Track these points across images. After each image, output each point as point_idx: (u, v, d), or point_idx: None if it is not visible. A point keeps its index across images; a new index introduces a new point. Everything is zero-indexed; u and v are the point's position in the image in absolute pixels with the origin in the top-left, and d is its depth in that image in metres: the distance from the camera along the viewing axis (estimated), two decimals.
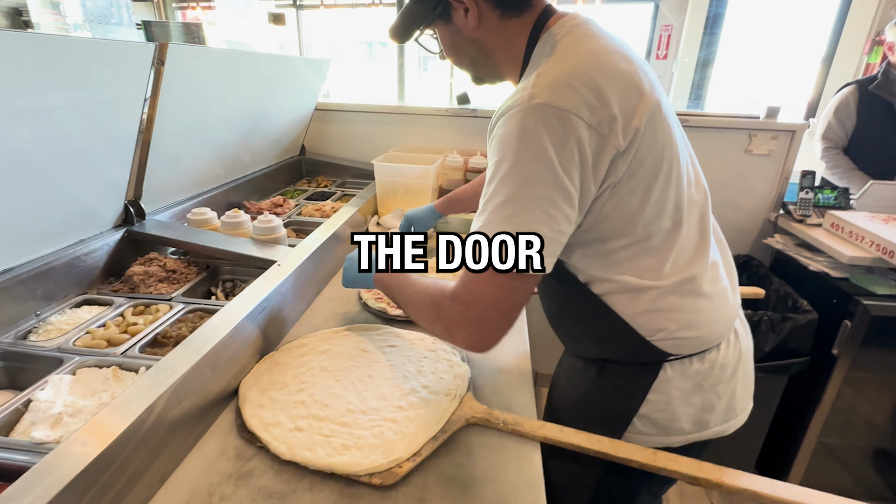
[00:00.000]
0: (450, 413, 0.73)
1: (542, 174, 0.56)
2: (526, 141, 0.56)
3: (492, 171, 0.60)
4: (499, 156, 0.59)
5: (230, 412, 0.74)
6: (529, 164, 0.56)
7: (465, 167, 1.66)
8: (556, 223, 0.57)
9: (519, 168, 0.56)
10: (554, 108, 0.56)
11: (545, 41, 0.65)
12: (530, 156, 0.56)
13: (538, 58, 0.65)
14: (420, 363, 0.85)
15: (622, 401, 0.73)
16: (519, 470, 0.65)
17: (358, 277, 0.88)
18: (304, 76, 1.71)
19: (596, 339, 0.75)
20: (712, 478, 0.63)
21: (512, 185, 0.57)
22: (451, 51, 0.75)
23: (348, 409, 0.72)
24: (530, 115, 0.56)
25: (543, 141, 0.55)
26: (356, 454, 0.64)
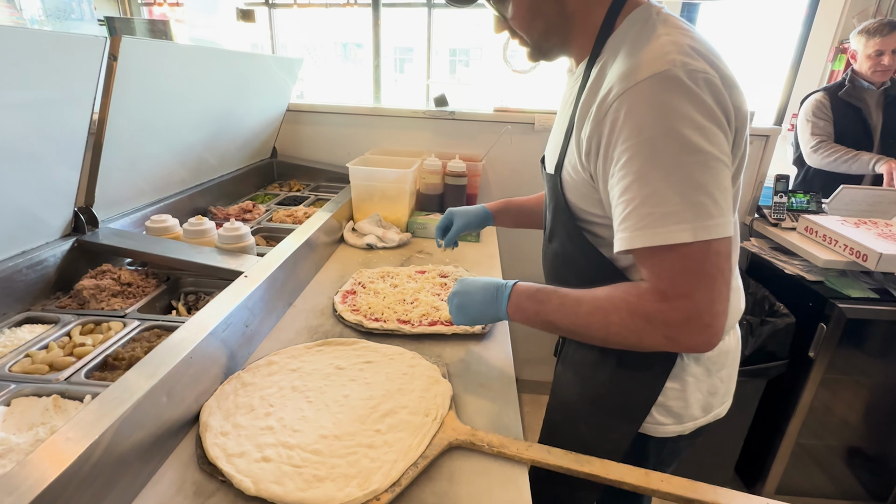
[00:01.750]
0: (431, 435, 0.68)
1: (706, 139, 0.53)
2: (684, 105, 0.53)
3: (654, 148, 0.54)
4: (652, 130, 0.54)
5: (190, 441, 0.67)
6: (690, 131, 0.53)
7: (443, 171, 1.62)
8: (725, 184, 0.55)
9: (677, 138, 0.53)
10: (703, 74, 0.54)
11: (637, 18, 0.63)
12: (691, 120, 0.53)
13: (622, 36, 0.62)
14: (399, 381, 0.80)
15: (641, 391, 0.72)
16: (505, 498, 0.61)
17: (481, 313, 0.75)
18: (274, 76, 1.63)
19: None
20: (707, 499, 0.60)
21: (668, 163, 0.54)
22: (526, 13, 0.67)
23: (321, 435, 0.67)
24: (681, 80, 0.53)
25: (705, 103, 0.53)
26: (330, 487, 0.58)
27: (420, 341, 0.94)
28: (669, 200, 0.53)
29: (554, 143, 0.78)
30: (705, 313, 0.54)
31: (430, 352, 0.90)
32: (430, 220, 1.52)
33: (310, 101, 1.91)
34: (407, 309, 1.02)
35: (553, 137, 0.80)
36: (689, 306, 0.54)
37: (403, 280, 1.17)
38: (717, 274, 0.54)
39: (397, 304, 1.04)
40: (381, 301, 1.04)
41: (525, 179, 1.86)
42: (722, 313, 0.55)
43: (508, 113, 1.78)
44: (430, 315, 1.00)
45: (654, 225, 0.54)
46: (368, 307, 1.01)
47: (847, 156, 1.99)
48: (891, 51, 1.99)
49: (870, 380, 1.54)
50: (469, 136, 1.83)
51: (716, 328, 0.54)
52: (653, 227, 0.54)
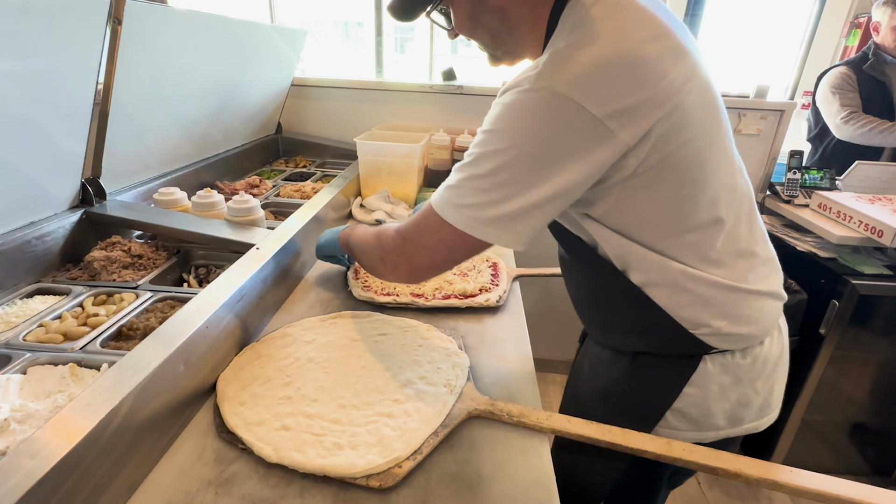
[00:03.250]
0: (450, 406, 0.67)
1: (529, 158, 0.55)
2: (521, 121, 0.54)
3: (479, 139, 0.59)
4: (492, 126, 0.57)
5: (207, 411, 0.67)
6: (520, 147, 0.54)
7: (452, 146, 1.59)
8: (532, 207, 0.56)
9: (506, 146, 0.55)
10: (559, 95, 0.52)
11: (570, 12, 0.58)
12: (522, 138, 0.54)
13: (559, 33, 0.58)
14: (415, 352, 0.79)
15: (655, 394, 0.69)
16: (527, 465, 0.61)
17: (326, 242, 0.95)
18: (278, 48, 1.59)
19: (631, 330, 0.71)
20: (731, 468, 0.60)
21: (494, 162, 0.56)
22: (467, 24, 0.66)
23: (340, 405, 0.66)
24: (532, 98, 0.53)
25: (541, 126, 0.53)
26: (351, 454, 0.58)
27: (434, 315, 0.94)
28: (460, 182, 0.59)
29: None
30: (407, 260, 0.66)
31: (444, 324, 0.90)
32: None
33: (314, 76, 1.87)
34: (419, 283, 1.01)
35: None
36: (402, 245, 0.66)
37: None
38: (441, 249, 0.62)
39: None
40: None
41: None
42: (420, 270, 0.66)
43: None
44: (443, 289, 0.99)
45: (442, 193, 0.62)
46: (381, 282, 1.00)
47: (882, 127, 1.90)
48: (892, 27, 1.93)
49: (879, 356, 1.53)
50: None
51: (407, 274, 0.67)
52: (440, 195, 0.62)
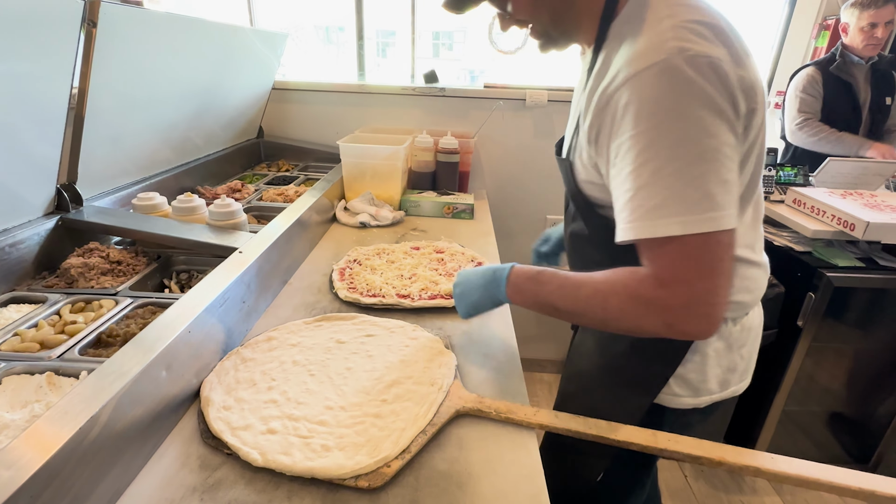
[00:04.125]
0: (438, 404, 0.67)
1: (704, 130, 0.52)
2: (683, 95, 0.51)
3: (649, 136, 0.53)
4: (649, 121, 0.53)
5: (191, 417, 0.66)
6: (688, 123, 0.51)
7: (435, 148, 1.60)
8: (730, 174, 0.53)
9: (675, 129, 0.51)
10: (706, 58, 0.51)
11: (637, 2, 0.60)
12: (690, 111, 0.51)
13: (636, 14, 0.58)
14: (402, 352, 0.79)
15: (660, 361, 0.72)
16: (516, 461, 0.61)
17: (482, 297, 0.73)
18: (258, 51, 1.58)
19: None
20: (714, 456, 0.61)
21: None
22: (529, 5, 0.65)
23: (327, 406, 0.66)
24: (679, 70, 0.51)
25: (704, 92, 0.51)
26: (339, 455, 0.57)
27: (420, 315, 0.94)
28: (659, 194, 0.52)
29: (569, 128, 0.76)
30: (703, 302, 0.53)
31: (431, 325, 0.90)
32: (423, 197, 1.50)
33: (295, 79, 1.86)
34: (405, 284, 1.01)
35: (569, 122, 0.78)
36: (687, 293, 0.53)
37: (399, 256, 1.15)
38: (715, 264, 0.53)
39: (395, 280, 1.02)
40: (378, 277, 1.02)
41: (518, 157, 1.85)
42: (721, 303, 0.54)
43: (499, 89, 1.76)
44: (429, 289, 0.99)
45: (644, 218, 0.54)
46: (366, 284, 1.00)
47: (831, 137, 2.01)
48: (884, 23, 1.99)
49: (854, 347, 1.58)
50: (460, 114, 1.80)
51: (714, 316, 0.54)
52: (643, 220, 0.54)
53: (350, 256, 1.14)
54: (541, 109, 1.77)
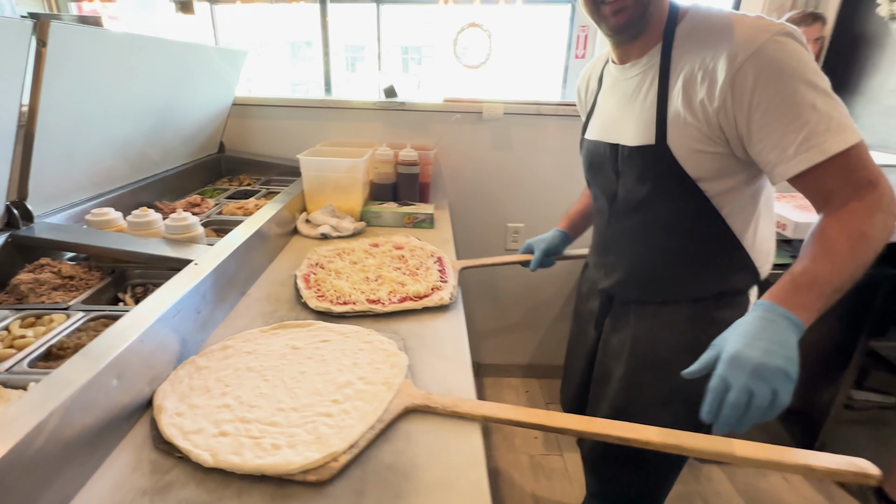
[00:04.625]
0: (387, 402, 0.71)
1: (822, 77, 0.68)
2: (802, 54, 0.67)
3: (800, 87, 0.66)
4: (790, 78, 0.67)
5: (144, 425, 0.67)
6: (814, 73, 0.67)
7: (395, 160, 1.64)
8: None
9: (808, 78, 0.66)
10: (795, 32, 0.69)
11: (698, 11, 0.79)
12: (811, 64, 0.67)
13: (701, 19, 0.77)
14: (356, 355, 0.82)
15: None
16: (460, 451, 0.65)
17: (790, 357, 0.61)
18: (217, 68, 1.60)
19: (716, 274, 0.86)
20: (641, 437, 0.66)
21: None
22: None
23: (279, 409, 0.68)
24: (793, 35, 0.68)
25: (808, 51, 0.68)
26: (288, 452, 0.60)
27: (387, 319, 0.97)
28: (826, 121, 0.65)
29: (635, 122, 0.84)
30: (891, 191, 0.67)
31: (391, 328, 0.93)
32: (384, 208, 1.54)
33: (257, 94, 1.88)
34: (373, 288, 1.03)
35: (624, 118, 0.87)
36: (886, 182, 0.67)
37: (361, 256, 1.18)
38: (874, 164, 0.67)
39: (362, 284, 1.05)
40: (345, 283, 1.05)
41: (477, 167, 1.91)
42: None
43: (457, 103, 1.83)
44: (397, 292, 1.02)
45: (831, 134, 0.65)
46: (335, 291, 1.02)
47: None
48: (813, 39, 2.16)
49: None
50: (420, 126, 1.85)
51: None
52: (832, 137, 0.65)
53: (311, 260, 1.16)
54: (497, 122, 1.84)
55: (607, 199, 0.95)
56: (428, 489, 0.59)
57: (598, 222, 1.03)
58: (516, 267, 1.37)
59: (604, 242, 1.00)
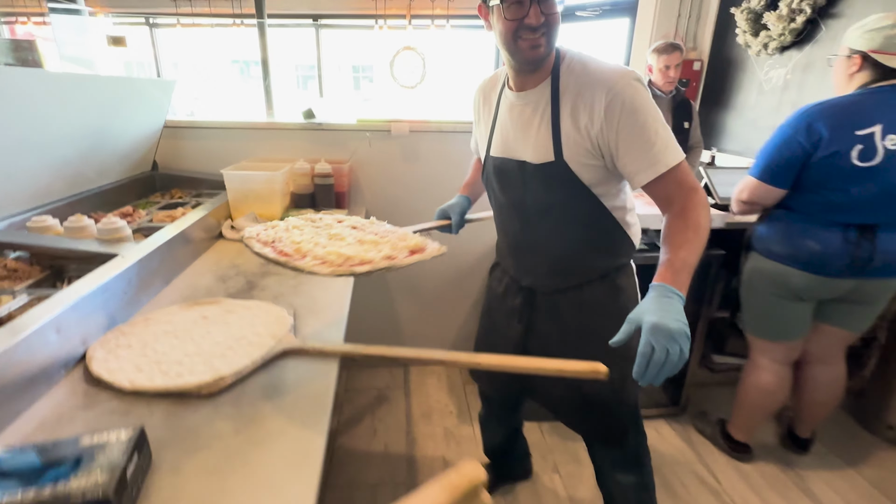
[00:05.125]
0: (269, 347, 0.95)
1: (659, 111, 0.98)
2: (647, 93, 0.97)
3: (648, 119, 0.95)
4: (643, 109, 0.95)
5: (79, 371, 0.88)
6: (655, 108, 0.97)
7: (311, 173, 1.89)
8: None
9: (653, 110, 0.96)
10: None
11: (572, 55, 1.04)
12: (652, 101, 0.97)
13: (577, 63, 1.02)
14: (253, 321, 1.06)
15: (635, 291, 1.18)
16: (317, 376, 0.90)
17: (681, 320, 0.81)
18: (148, 95, 1.81)
19: (613, 254, 1.15)
20: (447, 358, 0.94)
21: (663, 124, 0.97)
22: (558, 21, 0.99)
23: (185, 354, 0.92)
24: (641, 80, 0.97)
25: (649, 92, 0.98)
26: (188, 377, 0.84)
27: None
28: (667, 141, 0.95)
29: (535, 143, 1.06)
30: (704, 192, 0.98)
31: (285, 301, 1.17)
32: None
33: (187, 118, 2.09)
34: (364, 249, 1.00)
35: (526, 139, 1.07)
36: (700, 188, 0.97)
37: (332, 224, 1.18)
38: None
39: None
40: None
41: (389, 177, 2.19)
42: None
43: (369, 122, 2.10)
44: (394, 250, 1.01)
45: (670, 151, 0.95)
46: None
47: None
48: (674, 66, 2.59)
49: None
50: (338, 143, 2.12)
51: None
52: (672, 153, 0.95)
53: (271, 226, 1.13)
54: (405, 138, 2.13)
55: (516, 206, 1.15)
56: (290, 394, 0.84)
57: (510, 229, 1.22)
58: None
59: (518, 245, 1.21)
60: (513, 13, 0.93)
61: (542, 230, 1.14)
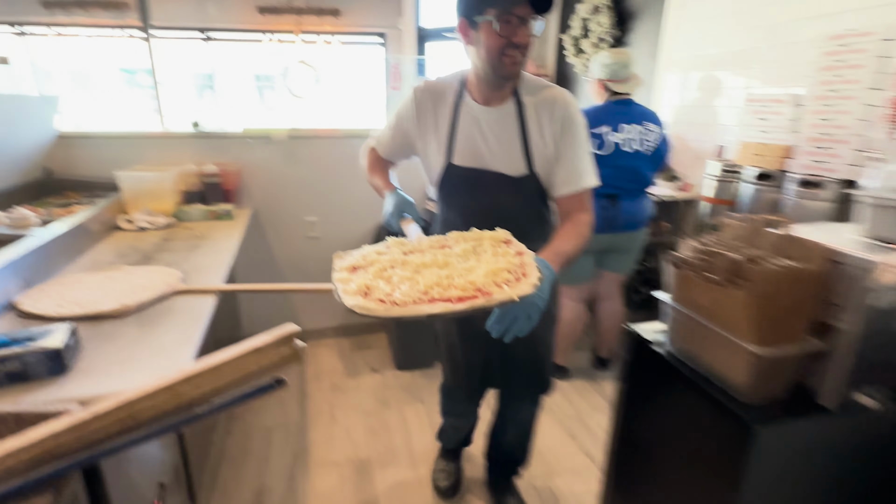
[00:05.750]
0: (163, 290, 1.32)
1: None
2: (580, 114, 1.16)
3: (584, 138, 1.15)
4: (580, 126, 1.14)
5: (10, 316, 1.19)
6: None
7: (199, 174, 2.22)
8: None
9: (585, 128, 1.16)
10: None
11: (527, 77, 1.16)
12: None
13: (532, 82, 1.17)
14: (151, 277, 1.41)
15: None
16: (197, 306, 1.28)
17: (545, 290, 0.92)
18: (33, 109, 2.03)
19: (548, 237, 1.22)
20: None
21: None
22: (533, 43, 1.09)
23: (97, 296, 1.26)
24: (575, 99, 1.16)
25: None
26: (102, 307, 1.19)
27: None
28: (590, 164, 1.16)
29: (509, 156, 1.17)
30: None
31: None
32: (193, 208, 2.12)
33: (83, 128, 2.30)
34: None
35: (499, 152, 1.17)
36: (592, 210, 1.19)
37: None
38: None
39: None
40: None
41: (273, 177, 2.56)
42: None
43: (252, 131, 2.47)
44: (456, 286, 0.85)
45: (590, 174, 1.15)
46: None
47: None
48: None
49: None
50: (218, 149, 2.42)
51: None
52: (590, 176, 1.15)
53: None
54: (284, 144, 2.51)
55: (484, 211, 1.17)
56: (179, 315, 1.22)
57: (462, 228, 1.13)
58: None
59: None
60: (504, 31, 1.02)
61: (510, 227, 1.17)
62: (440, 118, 1.21)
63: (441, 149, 1.22)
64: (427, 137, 1.25)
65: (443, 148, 1.22)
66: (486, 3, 1.02)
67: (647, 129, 2.08)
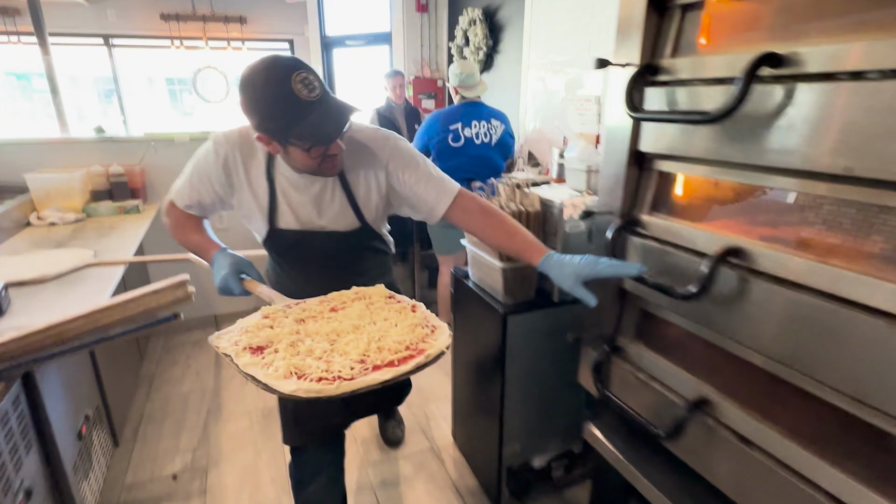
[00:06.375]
0: (76, 263, 1.63)
1: None
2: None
3: (421, 161, 1.16)
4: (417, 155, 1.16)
5: None
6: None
7: (107, 174, 2.47)
8: None
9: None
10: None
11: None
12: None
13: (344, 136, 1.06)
14: (66, 255, 1.70)
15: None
16: (108, 274, 1.61)
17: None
18: None
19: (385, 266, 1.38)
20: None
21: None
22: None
23: (19, 270, 1.54)
24: (401, 139, 1.17)
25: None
26: (24, 277, 1.48)
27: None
28: (441, 174, 1.16)
29: (336, 215, 1.17)
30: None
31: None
32: (101, 204, 2.37)
33: None
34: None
35: (325, 213, 1.16)
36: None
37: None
38: None
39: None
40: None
41: (175, 175, 2.82)
42: None
43: (156, 135, 2.73)
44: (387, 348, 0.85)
45: (449, 182, 1.16)
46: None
47: None
48: (399, 86, 3.68)
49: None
50: (122, 152, 2.65)
51: None
52: (451, 183, 1.16)
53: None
54: (186, 146, 2.79)
55: (323, 265, 1.23)
56: (90, 280, 1.54)
57: (312, 279, 1.18)
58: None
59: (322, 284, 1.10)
60: (319, 152, 0.98)
61: (348, 270, 1.27)
62: (254, 179, 1.13)
63: (263, 214, 1.16)
64: (241, 196, 1.15)
65: (264, 213, 1.16)
66: (295, 137, 0.96)
67: (492, 125, 2.61)
